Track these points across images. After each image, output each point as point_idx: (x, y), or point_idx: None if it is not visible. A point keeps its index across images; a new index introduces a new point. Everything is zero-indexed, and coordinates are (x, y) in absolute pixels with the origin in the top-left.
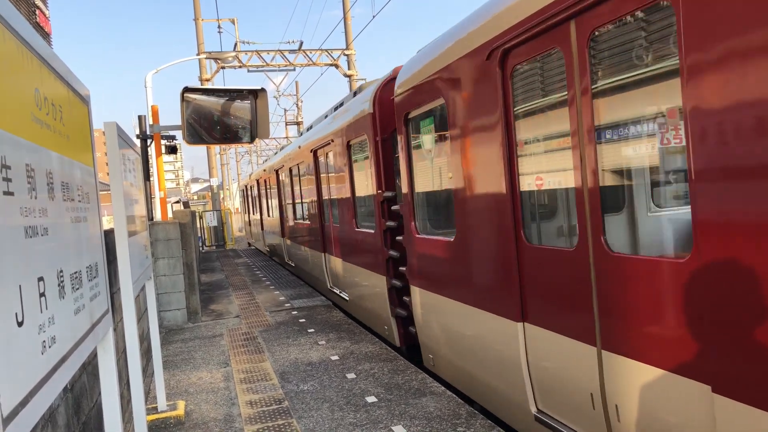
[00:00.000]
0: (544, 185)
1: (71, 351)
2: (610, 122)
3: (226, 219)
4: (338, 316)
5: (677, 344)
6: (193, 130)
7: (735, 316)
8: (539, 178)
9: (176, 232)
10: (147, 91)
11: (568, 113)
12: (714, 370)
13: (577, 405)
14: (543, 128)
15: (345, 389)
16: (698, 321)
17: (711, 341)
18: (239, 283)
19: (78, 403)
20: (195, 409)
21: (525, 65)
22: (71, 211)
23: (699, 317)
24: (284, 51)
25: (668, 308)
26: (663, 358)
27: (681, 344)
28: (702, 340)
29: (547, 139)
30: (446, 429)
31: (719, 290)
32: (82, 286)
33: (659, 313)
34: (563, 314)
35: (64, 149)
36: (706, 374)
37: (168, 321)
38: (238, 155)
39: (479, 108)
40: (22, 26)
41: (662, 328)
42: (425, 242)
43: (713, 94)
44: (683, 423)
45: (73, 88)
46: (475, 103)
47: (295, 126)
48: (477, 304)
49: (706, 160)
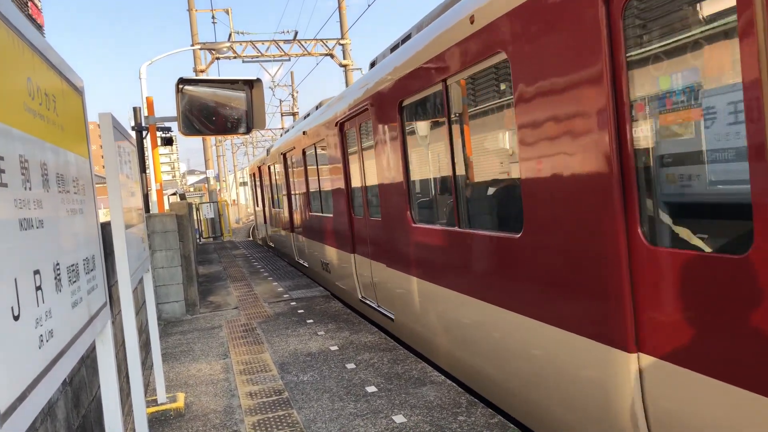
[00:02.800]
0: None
1: (69, 344)
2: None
3: (223, 211)
4: (337, 307)
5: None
6: (188, 121)
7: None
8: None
9: (173, 224)
10: (141, 83)
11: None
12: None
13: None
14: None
15: (345, 379)
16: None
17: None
18: (237, 274)
19: (77, 397)
20: (195, 401)
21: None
22: (67, 203)
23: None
24: (279, 41)
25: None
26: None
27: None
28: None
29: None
30: (447, 417)
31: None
32: (80, 279)
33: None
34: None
35: (59, 140)
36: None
37: (166, 313)
38: (234, 147)
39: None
40: (13, 15)
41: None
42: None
43: None
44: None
45: (67, 79)
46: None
47: (290, 117)
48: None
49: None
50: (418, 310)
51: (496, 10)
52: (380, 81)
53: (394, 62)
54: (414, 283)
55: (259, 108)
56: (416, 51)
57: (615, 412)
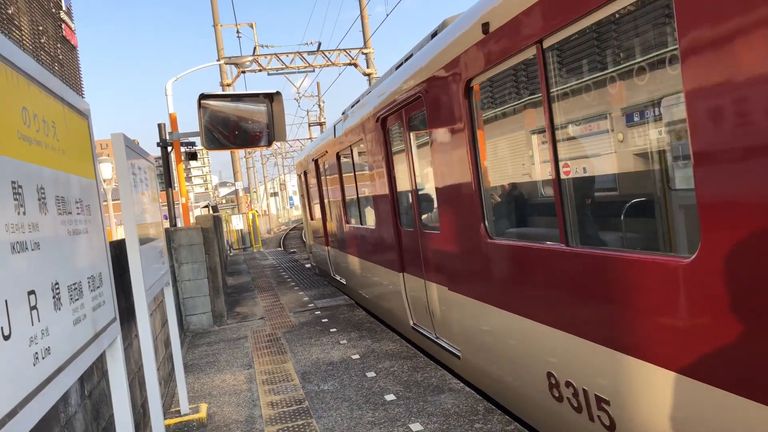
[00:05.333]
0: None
1: (70, 360)
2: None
3: (253, 222)
4: (360, 315)
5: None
6: (211, 135)
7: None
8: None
9: (199, 237)
10: (168, 99)
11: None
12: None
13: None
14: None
15: (365, 388)
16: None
17: None
18: (264, 285)
19: (97, 410)
20: (217, 412)
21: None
22: (69, 224)
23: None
24: (303, 53)
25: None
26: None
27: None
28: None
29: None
30: (463, 425)
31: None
32: (83, 297)
33: None
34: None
35: (59, 164)
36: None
37: (194, 325)
38: (263, 158)
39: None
40: (8, 50)
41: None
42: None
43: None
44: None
45: (69, 104)
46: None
47: (318, 126)
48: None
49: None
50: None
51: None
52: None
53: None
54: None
55: (280, 120)
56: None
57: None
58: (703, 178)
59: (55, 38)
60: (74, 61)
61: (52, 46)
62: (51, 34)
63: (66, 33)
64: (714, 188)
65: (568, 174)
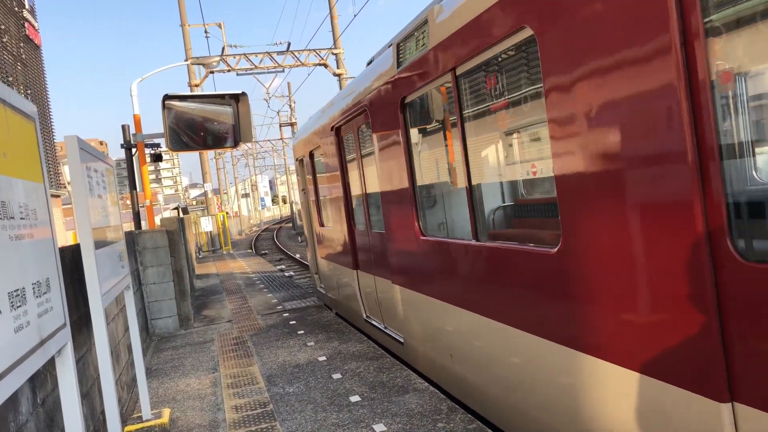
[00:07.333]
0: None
1: (10, 369)
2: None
3: (222, 224)
4: (328, 317)
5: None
6: (176, 136)
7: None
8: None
9: (164, 239)
10: (133, 100)
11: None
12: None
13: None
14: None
15: (330, 390)
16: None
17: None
18: (233, 287)
19: (51, 418)
20: (181, 416)
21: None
22: (9, 230)
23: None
24: (272, 53)
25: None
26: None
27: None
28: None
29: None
30: (427, 425)
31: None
32: (26, 304)
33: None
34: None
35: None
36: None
37: (160, 329)
38: (234, 159)
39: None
40: None
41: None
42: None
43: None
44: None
45: (11, 106)
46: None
47: (289, 127)
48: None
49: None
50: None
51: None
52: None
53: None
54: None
55: (246, 121)
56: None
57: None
58: (561, 188)
59: (18, 37)
60: (38, 60)
61: (15, 45)
62: (13, 33)
63: (29, 32)
64: (569, 195)
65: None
